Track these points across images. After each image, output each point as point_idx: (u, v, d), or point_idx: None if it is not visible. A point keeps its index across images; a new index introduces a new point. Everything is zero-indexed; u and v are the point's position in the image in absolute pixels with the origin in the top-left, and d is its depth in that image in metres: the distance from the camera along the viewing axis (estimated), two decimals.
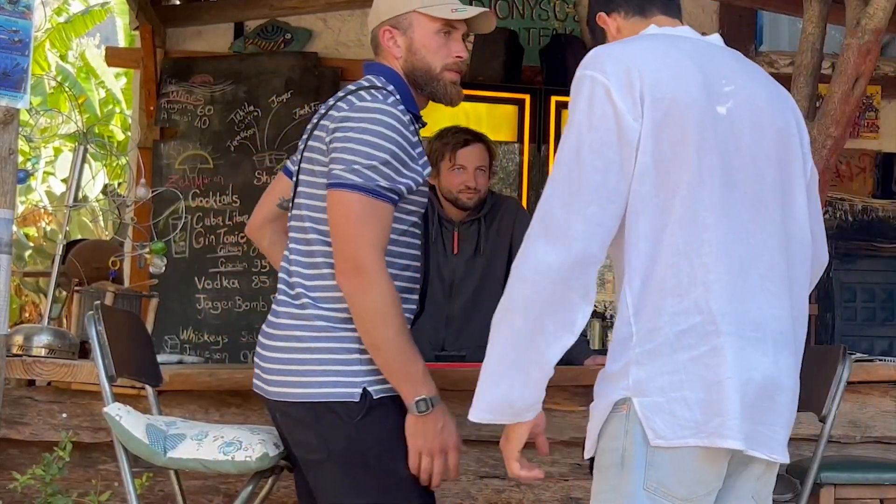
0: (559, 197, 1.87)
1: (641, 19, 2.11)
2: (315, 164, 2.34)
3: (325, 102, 2.43)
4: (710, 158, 1.88)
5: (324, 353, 2.29)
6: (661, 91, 1.88)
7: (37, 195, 11.71)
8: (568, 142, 1.90)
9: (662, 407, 1.85)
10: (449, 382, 3.19)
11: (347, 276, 2.23)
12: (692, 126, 1.88)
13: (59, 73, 11.71)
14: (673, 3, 2.16)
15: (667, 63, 1.93)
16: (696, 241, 1.86)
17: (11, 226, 2.70)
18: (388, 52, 2.44)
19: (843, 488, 2.94)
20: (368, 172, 2.23)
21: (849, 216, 6.45)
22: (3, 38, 2.70)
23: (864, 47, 3.08)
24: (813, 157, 3.15)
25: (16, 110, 2.74)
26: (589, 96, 1.90)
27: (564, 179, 1.87)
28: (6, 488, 3.04)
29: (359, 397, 2.27)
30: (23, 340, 3.13)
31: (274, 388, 2.34)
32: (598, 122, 1.87)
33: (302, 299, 2.32)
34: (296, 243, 2.37)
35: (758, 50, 6.75)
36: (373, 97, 2.32)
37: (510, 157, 5.84)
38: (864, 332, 6.54)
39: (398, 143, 2.27)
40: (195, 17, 6.40)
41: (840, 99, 3.13)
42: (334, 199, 2.25)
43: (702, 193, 1.87)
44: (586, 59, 1.95)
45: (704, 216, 1.86)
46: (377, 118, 2.27)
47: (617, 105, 1.86)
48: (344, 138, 2.26)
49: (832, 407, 2.71)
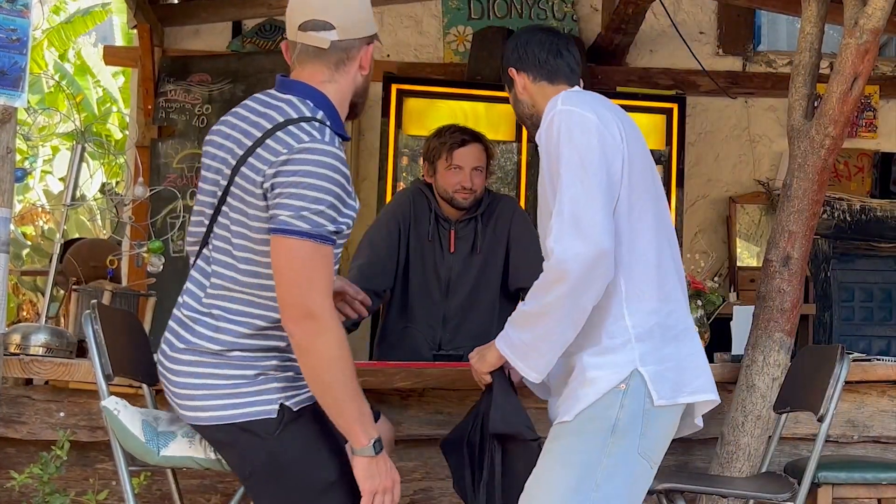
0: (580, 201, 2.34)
1: (549, 85, 2.60)
2: (247, 195, 2.28)
3: (242, 127, 2.34)
4: (656, 185, 2.52)
5: (237, 376, 2.30)
6: (626, 131, 2.47)
7: (34, 194, 11.69)
8: (571, 161, 2.38)
9: (662, 374, 2.38)
10: (447, 382, 3.20)
11: (298, 322, 2.22)
12: (646, 159, 2.51)
13: (56, 72, 11.69)
14: (575, 75, 2.65)
15: (611, 111, 2.50)
16: (660, 253, 2.48)
17: (9, 224, 2.70)
18: (354, 65, 2.39)
19: (841, 488, 2.94)
20: (316, 218, 2.21)
21: (847, 216, 6.45)
22: (1, 36, 2.69)
23: (862, 47, 3.08)
24: (811, 156, 3.18)
25: (14, 109, 2.73)
26: (580, 122, 2.40)
27: (579, 186, 2.36)
28: (4, 487, 3.04)
29: (276, 413, 2.29)
30: (20, 339, 3.13)
31: (190, 413, 2.35)
32: (594, 140, 2.39)
33: (219, 322, 2.31)
34: (220, 266, 2.33)
35: (756, 49, 6.76)
36: (311, 136, 2.25)
37: (508, 157, 5.84)
38: (862, 331, 6.55)
39: (341, 184, 2.25)
40: (193, 16, 6.40)
41: (838, 99, 3.13)
42: (282, 246, 2.22)
43: (659, 212, 2.50)
44: (556, 102, 2.45)
45: (661, 232, 2.49)
46: (321, 160, 2.22)
47: (604, 129, 2.41)
48: (288, 183, 2.21)
49: (830, 406, 2.71)
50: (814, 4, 3.30)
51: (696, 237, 6.50)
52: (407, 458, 3.20)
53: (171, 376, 2.36)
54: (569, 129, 2.39)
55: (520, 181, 5.77)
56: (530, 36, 2.66)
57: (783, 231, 3.23)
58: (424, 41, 6.57)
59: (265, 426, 2.29)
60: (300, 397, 2.35)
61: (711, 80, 6.48)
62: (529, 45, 2.63)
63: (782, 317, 3.18)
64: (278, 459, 2.31)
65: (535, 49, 2.62)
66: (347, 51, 2.37)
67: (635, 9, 5.70)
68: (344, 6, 2.37)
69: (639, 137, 2.53)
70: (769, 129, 6.68)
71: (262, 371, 2.32)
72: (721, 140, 6.67)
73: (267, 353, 2.34)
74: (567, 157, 2.38)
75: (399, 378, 3.11)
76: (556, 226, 2.33)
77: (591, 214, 2.31)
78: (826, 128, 3.15)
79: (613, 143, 2.40)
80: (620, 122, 2.48)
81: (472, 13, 6.58)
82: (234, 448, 2.34)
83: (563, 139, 2.39)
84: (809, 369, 2.97)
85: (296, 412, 2.32)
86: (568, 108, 2.41)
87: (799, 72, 3.30)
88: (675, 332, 2.44)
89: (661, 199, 2.54)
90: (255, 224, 2.28)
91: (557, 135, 2.41)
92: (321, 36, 2.34)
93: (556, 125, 2.41)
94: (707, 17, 6.72)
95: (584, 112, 2.41)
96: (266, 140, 2.27)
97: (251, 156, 2.28)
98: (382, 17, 6.53)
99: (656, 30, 6.59)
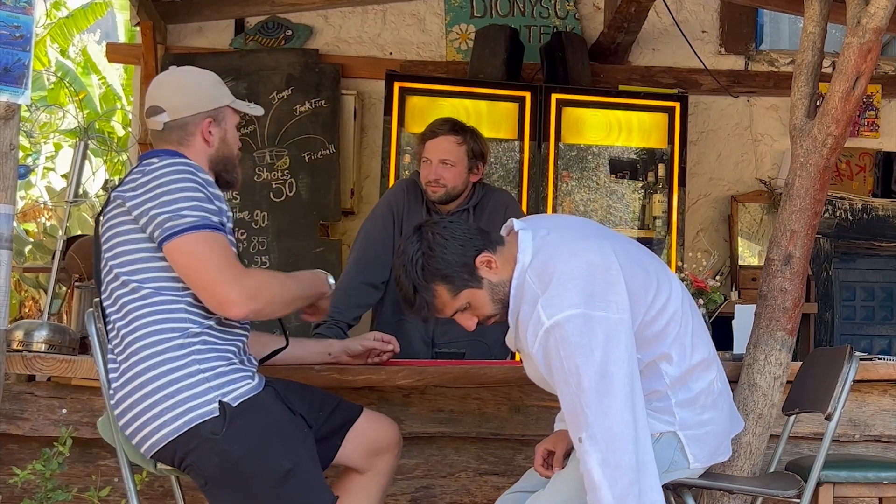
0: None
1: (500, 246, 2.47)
2: (122, 231, 2.47)
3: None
4: (658, 274, 2.53)
5: (171, 385, 2.37)
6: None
7: (37, 191, 11.68)
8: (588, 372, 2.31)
9: (699, 437, 2.53)
10: (449, 379, 3.20)
11: (241, 304, 2.36)
12: (638, 260, 2.54)
13: (59, 69, 11.68)
14: (487, 235, 2.52)
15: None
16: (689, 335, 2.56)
17: (12, 221, 2.70)
18: (197, 138, 2.59)
19: (842, 486, 2.94)
20: (196, 213, 2.37)
21: (848, 215, 6.45)
22: (5, 33, 2.69)
23: (864, 46, 3.08)
24: (813, 155, 3.18)
25: (17, 106, 2.74)
26: (575, 328, 2.29)
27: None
28: (6, 483, 3.04)
29: (217, 412, 2.35)
30: (23, 336, 3.13)
31: (146, 445, 2.41)
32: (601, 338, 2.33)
33: (146, 350, 2.41)
34: (130, 305, 2.45)
35: (758, 48, 6.75)
36: (160, 158, 2.49)
37: (510, 155, 5.84)
38: (864, 330, 6.55)
39: (201, 181, 2.44)
40: (196, 13, 6.40)
41: (840, 98, 3.12)
42: (180, 246, 2.36)
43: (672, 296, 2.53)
44: (537, 313, 2.34)
45: (684, 311, 2.55)
46: (174, 169, 2.43)
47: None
48: (153, 196, 2.39)
49: (838, 406, 2.73)
50: (816, 3, 3.30)
51: (698, 236, 6.50)
52: (408, 456, 3.21)
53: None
54: (568, 347, 2.29)
55: (522, 179, 5.77)
56: (446, 230, 2.45)
57: (785, 230, 3.22)
58: (427, 39, 6.57)
59: (212, 426, 2.35)
60: (239, 391, 2.40)
61: (713, 79, 6.48)
62: (443, 262, 2.42)
63: (784, 316, 3.18)
64: (230, 457, 2.35)
65: (447, 262, 2.42)
66: (184, 127, 2.59)
67: (638, 7, 5.70)
68: (174, 89, 2.64)
69: (625, 243, 2.53)
70: (771, 128, 6.68)
71: (192, 376, 2.39)
72: (723, 139, 6.67)
73: (192, 357, 2.41)
74: (583, 374, 2.28)
75: (401, 376, 3.12)
76: (591, 449, 2.26)
77: (621, 423, 2.28)
78: (828, 127, 3.15)
79: (611, 327, 2.30)
80: (597, 247, 2.40)
81: (474, 11, 6.57)
82: (190, 458, 2.39)
83: (568, 357, 2.29)
84: (819, 371, 2.98)
85: (236, 407, 2.38)
86: (553, 323, 2.28)
87: (801, 71, 3.30)
88: (713, 398, 2.56)
89: (662, 279, 2.51)
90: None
91: (558, 354, 2.30)
92: (156, 119, 2.61)
93: (554, 344, 2.30)
94: (709, 15, 6.71)
95: (571, 313, 2.28)
96: (114, 191, 2.53)
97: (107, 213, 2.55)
98: (385, 15, 6.54)
99: (658, 28, 6.59)
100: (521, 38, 6.31)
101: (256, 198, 6.07)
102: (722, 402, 2.62)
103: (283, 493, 2.38)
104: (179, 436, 2.36)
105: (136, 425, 2.40)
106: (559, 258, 2.37)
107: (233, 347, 2.47)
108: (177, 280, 2.42)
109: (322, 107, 6.19)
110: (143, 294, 2.42)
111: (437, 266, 2.40)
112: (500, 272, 2.43)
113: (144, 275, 2.43)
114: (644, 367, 2.44)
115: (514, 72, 6.06)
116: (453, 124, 3.78)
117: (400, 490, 3.22)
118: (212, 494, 2.42)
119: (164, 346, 2.39)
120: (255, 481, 2.37)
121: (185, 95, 2.62)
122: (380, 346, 3.10)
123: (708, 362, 2.57)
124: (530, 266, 2.39)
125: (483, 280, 2.42)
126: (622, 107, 5.97)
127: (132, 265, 2.44)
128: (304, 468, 2.40)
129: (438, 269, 2.40)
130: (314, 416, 2.57)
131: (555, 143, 5.76)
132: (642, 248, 2.61)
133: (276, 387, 2.53)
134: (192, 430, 2.35)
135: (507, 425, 3.28)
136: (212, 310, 2.41)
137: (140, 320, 2.42)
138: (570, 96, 5.89)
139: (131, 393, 2.40)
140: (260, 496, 2.39)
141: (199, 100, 2.62)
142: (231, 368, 2.43)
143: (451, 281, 2.41)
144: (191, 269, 2.37)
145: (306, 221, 6.07)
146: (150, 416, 2.38)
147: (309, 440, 2.47)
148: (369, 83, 6.41)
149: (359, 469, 2.68)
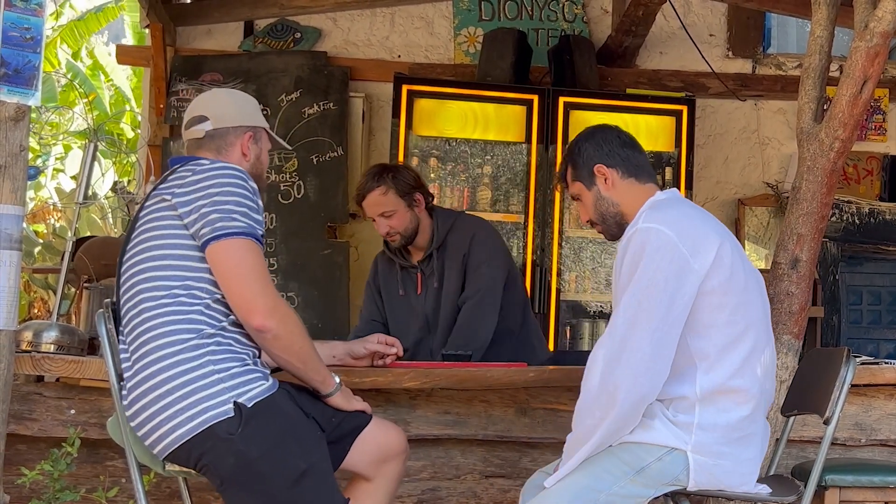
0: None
1: (636, 182, 2.72)
2: (162, 226, 2.51)
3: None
4: (748, 287, 2.62)
5: (186, 385, 2.39)
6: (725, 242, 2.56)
7: (46, 192, 11.73)
8: (639, 282, 2.49)
9: (709, 468, 2.52)
10: (456, 381, 3.20)
11: (266, 316, 2.42)
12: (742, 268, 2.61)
13: (69, 71, 11.72)
14: (653, 172, 2.79)
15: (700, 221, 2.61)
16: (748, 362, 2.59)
17: (22, 222, 2.72)
18: (236, 149, 2.68)
19: (848, 491, 2.94)
20: (245, 220, 2.44)
21: (855, 219, 6.44)
22: (15, 35, 2.71)
23: (872, 50, 3.08)
24: (820, 159, 3.18)
25: (27, 107, 2.75)
26: (657, 242, 2.48)
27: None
28: (14, 483, 3.05)
29: (233, 412, 2.37)
30: (32, 336, 3.15)
31: (160, 446, 2.42)
32: (665, 262, 2.49)
33: (162, 350, 2.43)
34: (149, 302, 2.47)
35: (765, 52, 6.75)
36: (210, 161, 2.56)
37: (518, 158, 5.84)
38: (870, 334, 6.54)
39: (252, 189, 2.53)
40: (205, 16, 6.42)
41: (848, 101, 3.13)
42: (227, 248, 2.43)
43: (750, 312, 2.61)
44: (639, 217, 2.59)
45: (757, 339, 2.60)
46: (228, 172, 2.50)
47: (682, 248, 2.49)
48: (206, 195, 2.45)
49: (836, 409, 2.71)
50: (824, 7, 3.30)
51: None
52: (415, 458, 3.21)
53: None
54: (642, 248, 2.49)
55: (529, 182, 5.77)
56: (607, 133, 2.79)
57: (792, 233, 3.23)
58: (435, 42, 6.58)
59: (227, 426, 2.37)
60: (253, 392, 2.41)
61: (721, 83, 6.48)
62: (612, 142, 2.76)
63: (790, 319, 3.19)
64: (245, 458, 2.37)
65: (617, 145, 2.75)
66: (225, 137, 2.67)
67: (645, 11, 5.71)
68: (216, 102, 2.75)
69: (734, 244, 2.61)
70: (778, 132, 6.67)
71: (207, 377, 2.41)
72: (730, 142, 6.67)
73: (207, 357, 2.43)
74: (637, 277, 2.48)
75: (408, 378, 3.12)
76: (607, 343, 2.48)
77: (638, 342, 2.43)
78: (835, 131, 3.15)
79: (685, 265, 2.47)
80: (713, 233, 2.56)
81: (482, 14, 6.59)
82: (205, 458, 2.40)
83: (637, 258, 2.50)
84: (816, 372, 2.97)
85: (251, 408, 2.39)
86: (647, 227, 2.52)
87: (809, 74, 3.31)
88: (741, 435, 2.55)
89: (750, 291, 2.60)
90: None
91: (634, 252, 2.51)
92: (199, 128, 2.68)
93: (635, 243, 2.52)
94: (717, 19, 6.72)
95: (663, 230, 2.50)
96: (162, 182, 2.60)
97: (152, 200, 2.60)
98: (394, 18, 6.55)
99: (666, 32, 6.59)
100: (529, 41, 6.31)
101: (264, 200, 6.06)
102: (750, 449, 2.60)
103: (298, 493, 2.39)
104: (195, 436, 2.36)
105: (150, 426, 2.41)
106: (674, 213, 2.62)
107: (247, 350, 2.49)
108: (203, 281, 2.45)
109: (330, 109, 6.21)
110: (166, 293, 2.43)
111: (576, 151, 2.80)
112: (611, 191, 2.73)
113: (175, 272, 2.45)
114: (679, 357, 2.50)
115: (521, 75, 6.06)
116: (374, 175, 3.76)
117: (406, 492, 3.23)
118: (227, 495, 2.43)
119: (180, 346, 2.41)
120: (271, 481, 2.37)
121: (230, 108, 2.72)
122: (383, 349, 3.12)
123: (747, 396, 2.55)
124: (648, 207, 2.65)
125: (594, 187, 2.75)
126: (630, 110, 5.97)
127: (165, 260, 2.46)
128: (319, 469, 2.41)
129: (573, 155, 2.80)
130: (327, 420, 2.58)
131: (562, 145, 5.75)
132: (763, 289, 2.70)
133: (289, 390, 2.54)
134: (208, 430, 2.36)
135: (513, 428, 3.29)
136: (235, 312, 2.44)
137: (156, 319, 2.43)
138: (578, 99, 5.89)
139: (146, 393, 2.41)
140: (276, 496, 2.40)
141: (242, 115, 2.72)
142: (245, 369, 2.44)
143: (576, 167, 2.79)
144: (231, 273, 2.42)
145: (314, 223, 6.08)
146: (165, 417, 2.39)
147: (322, 442, 2.48)
148: (377, 86, 6.42)
149: (366, 476, 2.69)
